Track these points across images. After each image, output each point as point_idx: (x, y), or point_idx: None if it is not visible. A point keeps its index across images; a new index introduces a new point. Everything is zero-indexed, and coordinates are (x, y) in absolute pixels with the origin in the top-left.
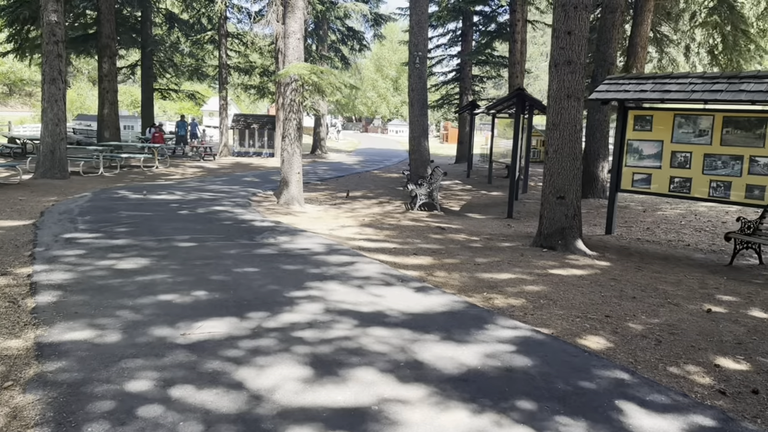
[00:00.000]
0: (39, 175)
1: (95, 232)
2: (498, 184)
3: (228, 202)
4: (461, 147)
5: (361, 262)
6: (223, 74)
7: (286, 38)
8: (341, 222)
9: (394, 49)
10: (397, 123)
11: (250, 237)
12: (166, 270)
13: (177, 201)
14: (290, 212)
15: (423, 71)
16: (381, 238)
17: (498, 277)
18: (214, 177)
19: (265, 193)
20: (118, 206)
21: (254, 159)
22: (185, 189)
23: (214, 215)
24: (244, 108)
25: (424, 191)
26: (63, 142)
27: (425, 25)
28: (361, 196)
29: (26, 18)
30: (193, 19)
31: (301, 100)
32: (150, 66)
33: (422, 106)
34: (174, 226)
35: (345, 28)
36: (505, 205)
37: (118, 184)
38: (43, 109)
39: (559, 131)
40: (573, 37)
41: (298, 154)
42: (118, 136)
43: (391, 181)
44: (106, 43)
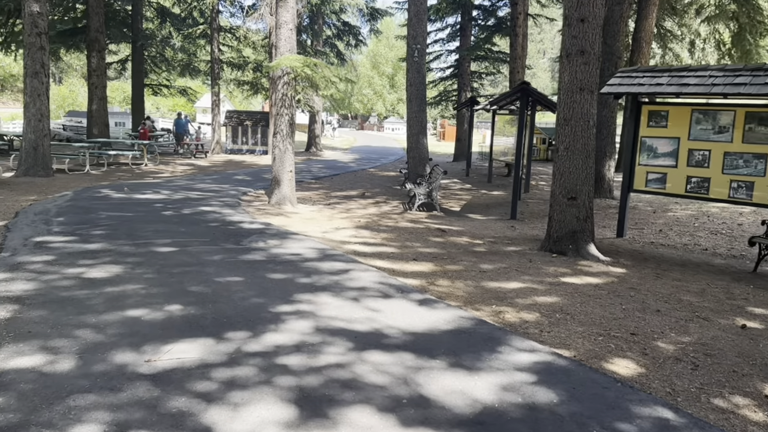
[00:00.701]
0: (21, 173)
1: (69, 235)
2: (498, 183)
3: (216, 202)
4: (459, 145)
5: (357, 269)
6: (215, 69)
7: (277, 28)
8: (335, 224)
9: (391, 46)
10: (394, 120)
11: (236, 241)
12: (140, 279)
13: (162, 201)
14: (282, 213)
15: (422, 65)
16: (378, 242)
17: (506, 287)
18: (204, 175)
19: (257, 192)
20: (99, 206)
21: (247, 156)
22: (172, 188)
23: (200, 216)
24: (237, 104)
25: (422, 191)
26: (46, 139)
27: (424, 17)
28: (356, 196)
29: (11, 10)
30: (185, 13)
31: (293, 95)
32: (141, 61)
33: (421, 102)
34: (155, 228)
35: (341, 23)
36: (507, 206)
37: (102, 183)
38: (25, 104)
39: (571, 127)
40: (586, 24)
41: (291, 151)
42: (107, 133)
43: (388, 179)
44: (94, 36)
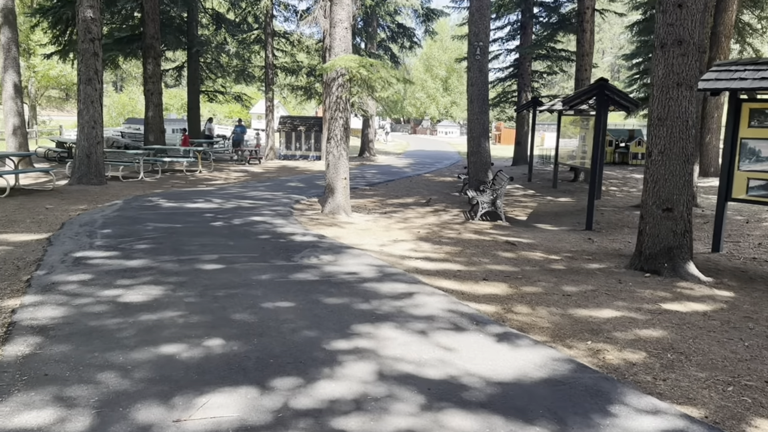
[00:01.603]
0: (74, 181)
1: (111, 250)
2: (564, 188)
3: (268, 212)
4: (519, 148)
5: (422, 292)
6: (269, 75)
7: (332, 28)
8: (393, 235)
9: (444, 48)
10: (447, 124)
11: (287, 256)
12: (180, 304)
13: (212, 210)
14: (336, 223)
15: (484, 63)
16: (441, 257)
17: (598, 315)
18: (257, 182)
19: (310, 200)
20: (147, 217)
21: (300, 162)
22: (224, 196)
23: (251, 227)
24: (291, 110)
25: (486, 199)
26: (99, 146)
27: (487, 12)
28: (413, 203)
29: (69, 19)
30: (240, 18)
31: (348, 97)
32: (196, 68)
33: (483, 103)
34: (202, 242)
35: (395, 25)
36: (578, 214)
37: (155, 191)
38: (78, 111)
39: (667, 127)
40: (685, 10)
41: (345, 157)
42: (162, 140)
43: (445, 185)
44: (150, 43)
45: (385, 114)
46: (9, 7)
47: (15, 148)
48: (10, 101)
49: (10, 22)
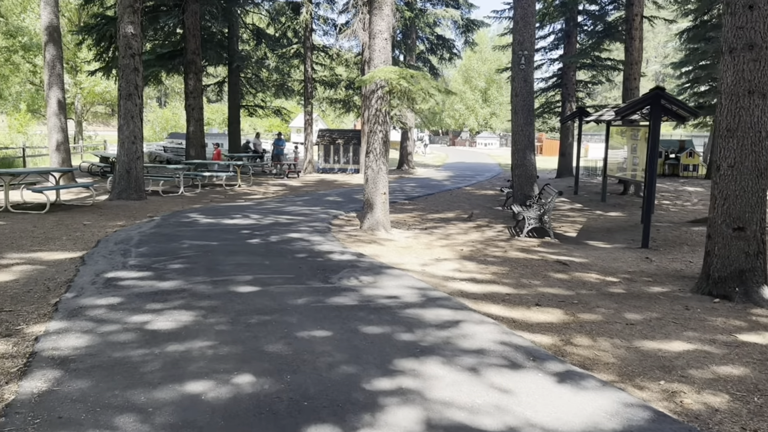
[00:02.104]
0: (114, 196)
1: (144, 270)
2: (613, 202)
3: (306, 228)
4: (563, 160)
5: (469, 320)
6: (308, 88)
7: (371, 39)
8: (435, 253)
9: (483, 59)
10: (486, 135)
11: (325, 277)
12: (210, 333)
13: (250, 226)
14: (375, 240)
15: (529, 73)
16: (488, 278)
17: (668, 349)
18: (295, 196)
19: (348, 216)
20: (184, 234)
21: (339, 176)
22: (262, 211)
23: (288, 245)
24: (330, 123)
25: (533, 214)
26: (139, 161)
27: (532, 20)
28: (454, 218)
29: (111, 35)
30: (279, 33)
31: (388, 110)
32: (237, 83)
33: (528, 114)
34: (238, 261)
35: (434, 37)
36: (631, 230)
37: (194, 206)
38: (119, 126)
39: (737, 139)
40: (756, 12)
41: (384, 171)
42: (203, 154)
43: (487, 199)
44: (191, 59)
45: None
46: (54, 25)
47: (58, 163)
48: (54, 117)
49: (54, 40)
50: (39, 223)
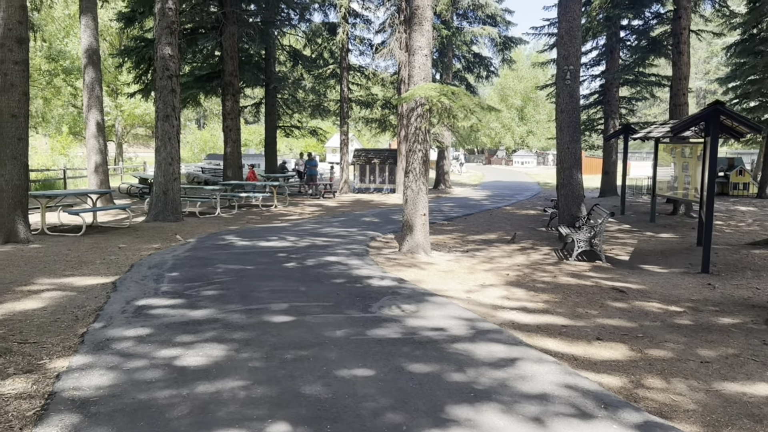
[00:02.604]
0: (151, 218)
1: (176, 297)
2: (663, 223)
3: (343, 250)
4: (606, 178)
5: (526, 358)
6: (344, 108)
7: (411, 55)
8: (480, 278)
9: (520, 77)
10: (523, 154)
11: (364, 305)
12: (243, 370)
13: (286, 249)
14: (415, 263)
15: (575, 88)
16: (540, 307)
17: (753, 393)
18: (331, 217)
19: (386, 237)
20: (219, 257)
21: (375, 195)
22: (298, 233)
23: (325, 269)
24: (365, 143)
25: (583, 237)
26: (176, 183)
27: (577, 34)
28: (497, 240)
29: (150, 58)
30: (316, 54)
31: (427, 128)
32: (273, 103)
33: (574, 131)
34: (273, 286)
35: (471, 55)
36: (687, 253)
37: (230, 227)
38: (156, 148)
39: None
40: None
41: (424, 192)
42: (240, 175)
43: (529, 219)
44: (228, 80)
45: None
46: (94, 47)
47: (96, 185)
48: (93, 139)
49: (94, 63)
50: (74, 246)
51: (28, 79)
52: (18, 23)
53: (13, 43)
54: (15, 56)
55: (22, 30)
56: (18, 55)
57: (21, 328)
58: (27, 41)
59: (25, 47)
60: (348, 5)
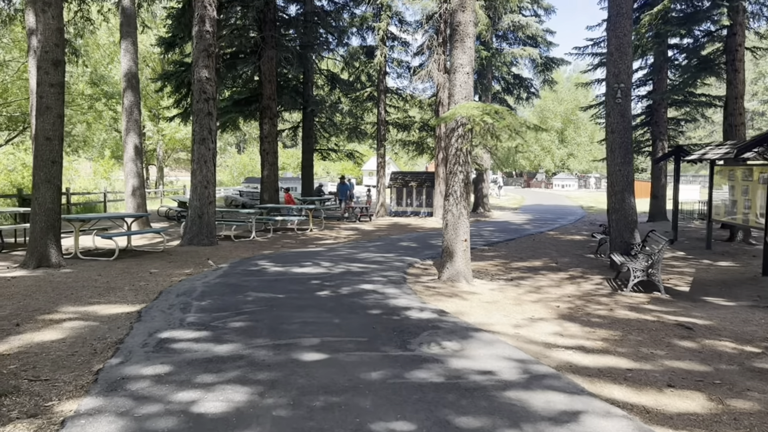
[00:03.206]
0: (186, 242)
1: (202, 329)
2: (721, 250)
3: (379, 278)
4: (655, 202)
5: (591, 411)
6: (381, 131)
7: (452, 73)
8: (527, 310)
9: (560, 100)
10: (564, 177)
11: (403, 342)
12: (266, 421)
13: (320, 276)
14: (456, 292)
15: (626, 107)
16: (599, 346)
17: None
18: (367, 241)
19: (424, 264)
20: (250, 284)
21: (412, 219)
22: (333, 258)
23: (360, 299)
24: (402, 165)
25: (640, 266)
26: (211, 206)
27: (628, 50)
28: (542, 267)
29: (190, 82)
30: (353, 77)
31: (469, 149)
32: (311, 127)
33: (626, 152)
34: (305, 318)
35: (511, 76)
36: (752, 284)
37: (264, 252)
38: (192, 171)
39: None
40: None
41: (465, 216)
42: (276, 198)
43: (575, 245)
44: (266, 104)
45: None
46: (133, 71)
47: (133, 208)
48: (131, 163)
49: (133, 86)
50: (105, 271)
51: (63, 101)
52: (54, 46)
53: (49, 65)
54: (51, 78)
55: (58, 53)
56: (54, 78)
57: (35, 363)
58: (63, 64)
59: (61, 70)
60: (386, 28)
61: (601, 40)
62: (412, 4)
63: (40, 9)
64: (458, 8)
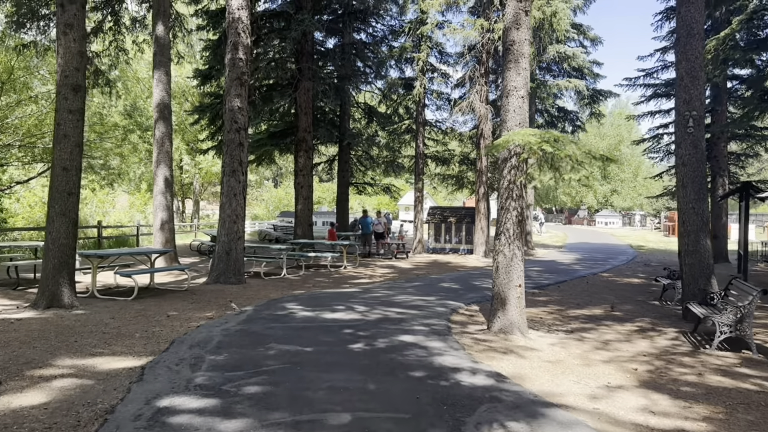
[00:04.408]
0: (212, 279)
1: (210, 395)
2: None
3: (420, 326)
4: (716, 243)
5: None
6: (419, 164)
7: (504, 97)
8: (600, 373)
9: (602, 135)
10: (607, 213)
11: (455, 421)
12: None
13: (353, 324)
14: (511, 348)
15: (699, 137)
16: (703, 430)
17: None
18: (405, 281)
19: (469, 309)
20: (274, 333)
21: (451, 257)
22: (369, 301)
23: (399, 355)
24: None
25: (727, 320)
26: (240, 242)
27: (701, 74)
28: (604, 316)
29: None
30: (390, 110)
31: (524, 182)
32: (346, 160)
33: (700, 188)
34: (333, 381)
35: (555, 109)
36: None
37: (294, 292)
38: (221, 205)
39: None
40: None
41: (519, 257)
42: (310, 233)
43: (634, 289)
44: (302, 136)
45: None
46: (165, 102)
47: (161, 243)
48: (160, 196)
49: (165, 117)
50: (120, 312)
51: (83, 129)
52: (75, 70)
53: (68, 90)
54: (70, 105)
55: (79, 77)
56: (73, 104)
57: None
58: (83, 90)
59: (81, 96)
60: (425, 59)
61: (654, 71)
62: (454, 35)
63: (61, 31)
64: (512, 26)
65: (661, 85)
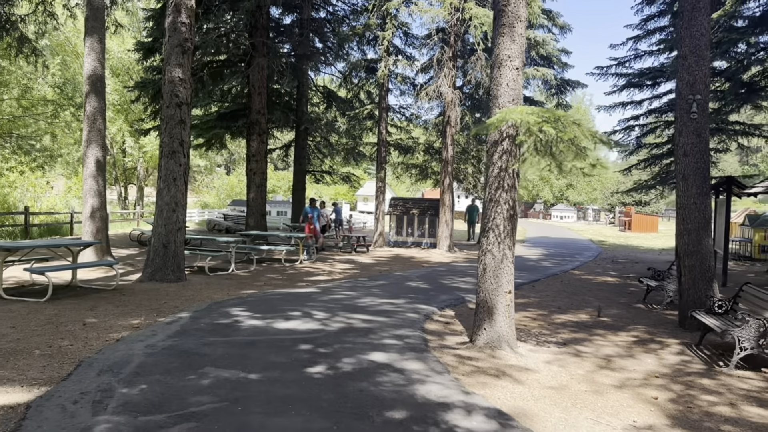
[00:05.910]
0: (146, 277)
1: None
2: None
3: (392, 340)
4: None
5: None
6: (381, 152)
7: (496, 68)
8: (617, 404)
9: None
10: (562, 208)
11: None
12: None
13: (311, 336)
14: (503, 369)
15: (703, 125)
16: None
17: None
18: (368, 279)
19: (443, 314)
20: (212, 352)
21: (414, 251)
22: (328, 305)
23: (371, 384)
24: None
25: (749, 334)
26: (180, 233)
27: (706, 53)
28: (592, 323)
29: None
30: (351, 94)
31: (516, 169)
32: (304, 146)
33: (703, 181)
34: (284, 426)
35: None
36: None
37: (243, 292)
38: (158, 191)
39: None
40: None
41: (510, 259)
42: (263, 224)
43: (613, 290)
44: (255, 119)
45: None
46: (98, 73)
47: (91, 233)
48: (91, 179)
49: (98, 91)
50: (25, 319)
51: None
52: None
53: None
54: None
55: None
56: None
57: None
58: None
59: None
60: (391, 38)
61: (626, 60)
62: (421, 14)
63: None
64: None
65: (634, 74)
